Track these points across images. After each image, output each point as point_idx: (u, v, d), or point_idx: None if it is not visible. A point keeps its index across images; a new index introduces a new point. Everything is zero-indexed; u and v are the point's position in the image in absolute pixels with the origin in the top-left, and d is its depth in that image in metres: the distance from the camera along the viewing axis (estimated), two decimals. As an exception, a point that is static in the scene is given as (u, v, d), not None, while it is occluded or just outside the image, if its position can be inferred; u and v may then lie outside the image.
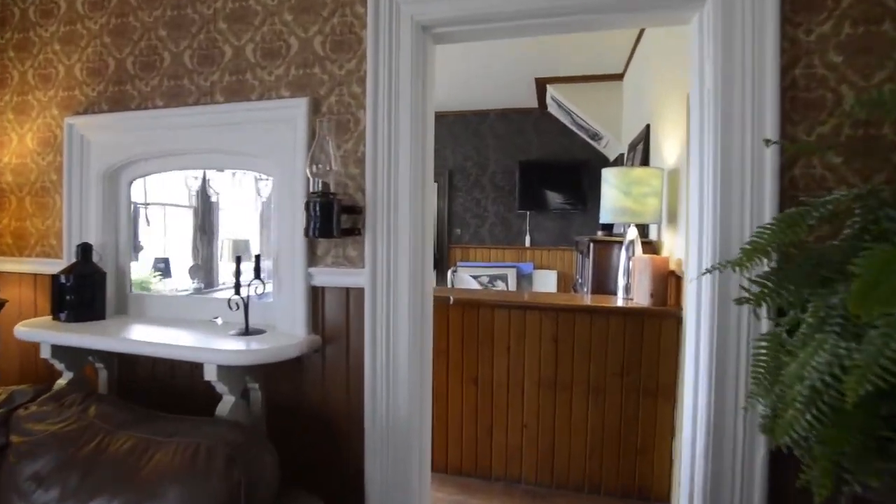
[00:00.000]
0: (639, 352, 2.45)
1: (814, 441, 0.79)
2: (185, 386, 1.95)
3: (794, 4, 1.38)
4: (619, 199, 2.55)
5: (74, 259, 1.97)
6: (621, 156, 4.58)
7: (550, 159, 6.19)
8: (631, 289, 2.61)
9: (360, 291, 1.73)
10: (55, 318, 1.91)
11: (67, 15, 2.10)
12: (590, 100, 4.95)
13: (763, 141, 1.26)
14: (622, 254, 2.70)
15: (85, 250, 1.96)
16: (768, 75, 1.36)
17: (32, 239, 2.18)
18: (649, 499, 2.47)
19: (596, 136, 5.35)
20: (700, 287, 1.44)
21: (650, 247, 2.93)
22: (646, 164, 3.23)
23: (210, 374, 1.56)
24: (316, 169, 1.59)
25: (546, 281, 6.14)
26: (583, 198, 6.04)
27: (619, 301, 2.63)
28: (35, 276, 2.17)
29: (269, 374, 1.81)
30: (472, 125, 6.47)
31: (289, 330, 1.78)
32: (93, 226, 2.05)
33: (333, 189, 1.66)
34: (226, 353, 1.55)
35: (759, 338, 1.04)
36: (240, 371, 1.66)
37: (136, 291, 2.14)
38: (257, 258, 1.76)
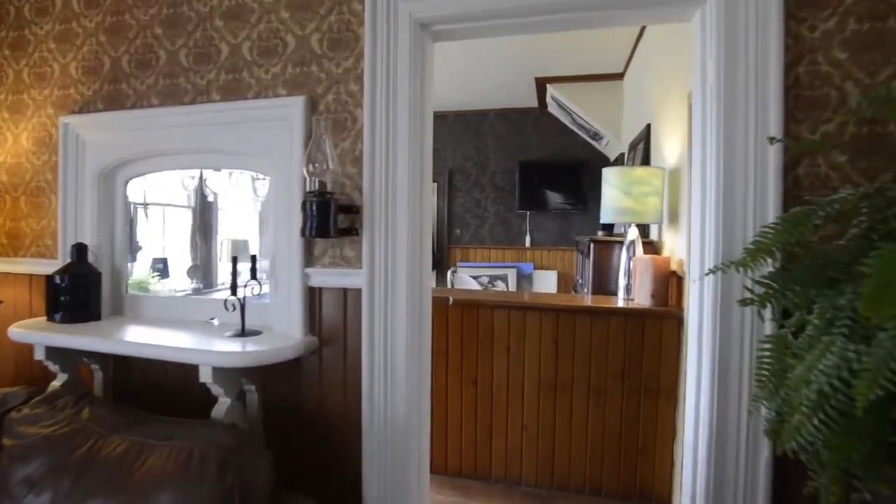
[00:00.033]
0: (640, 353, 2.43)
1: (821, 446, 0.76)
2: (181, 387, 1.93)
3: (798, 0, 1.36)
4: (619, 199, 2.53)
5: (69, 259, 1.95)
6: (622, 155, 4.55)
7: (550, 159, 6.17)
8: (632, 289, 2.59)
9: (358, 292, 1.71)
10: (49, 319, 1.89)
11: (63, 13, 2.08)
12: (590, 99, 4.93)
13: (767, 139, 1.23)
14: (623, 254, 2.67)
15: (80, 250, 1.94)
16: (772, 73, 1.34)
17: (27, 239, 2.16)
18: (650, 501, 2.45)
19: (596, 135, 5.33)
20: (702, 288, 1.42)
21: (651, 247, 2.91)
22: (646, 164, 3.20)
23: (205, 376, 1.54)
24: (313, 168, 1.57)
25: (546, 281, 6.12)
26: (583, 198, 6.02)
27: (620, 302, 2.60)
28: (30, 276, 2.15)
29: (266, 375, 1.79)
30: (472, 125, 6.45)
31: (285, 331, 1.75)
32: (88, 226, 2.03)
33: (330, 188, 1.64)
34: (221, 354, 1.53)
35: (763, 340, 1.02)
36: (236, 373, 1.63)
37: (132, 292, 2.12)
38: (253, 258, 1.74)
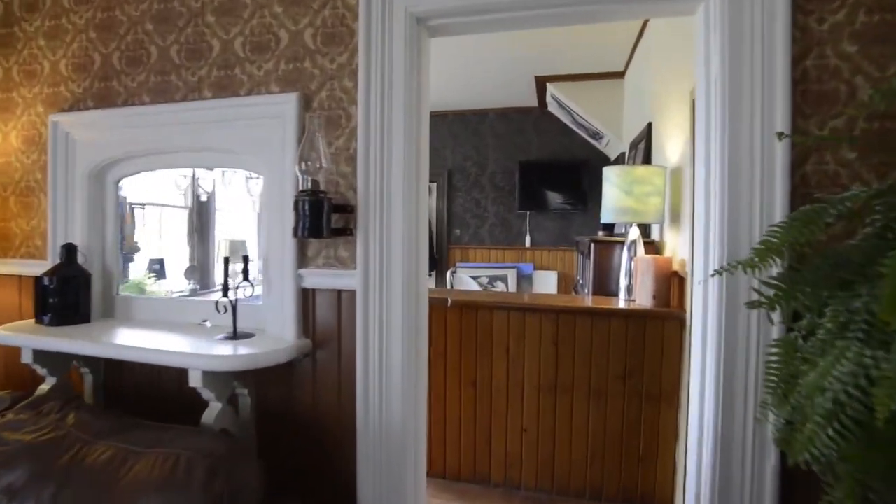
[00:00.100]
0: (641, 355, 2.39)
1: (836, 458, 0.72)
2: (172, 391, 1.89)
3: (805, -8, 1.31)
4: (620, 199, 2.49)
5: (59, 260, 1.91)
6: (622, 155, 4.51)
7: (550, 159, 6.12)
8: (633, 290, 2.55)
9: (352, 294, 1.66)
10: (38, 321, 1.85)
11: (52, 9, 2.04)
12: (590, 98, 4.89)
13: (776, 134, 1.19)
14: (624, 254, 2.63)
15: (69, 251, 1.90)
16: (778, 67, 1.30)
17: (17, 240, 2.12)
18: (652, 506, 2.40)
19: (596, 134, 5.28)
20: (707, 289, 1.37)
21: (652, 247, 2.87)
22: (648, 163, 3.16)
23: (195, 381, 1.49)
24: (305, 166, 1.53)
25: (546, 282, 6.07)
26: (583, 197, 5.98)
27: (621, 302, 2.56)
28: (19, 277, 2.11)
29: (259, 379, 1.75)
30: (472, 124, 6.41)
31: (278, 333, 1.71)
32: (78, 226, 1.99)
33: (324, 187, 1.59)
34: (210, 358, 1.49)
35: (771, 344, 0.97)
36: (227, 377, 1.59)
37: (123, 293, 2.08)
38: (245, 259, 1.70)
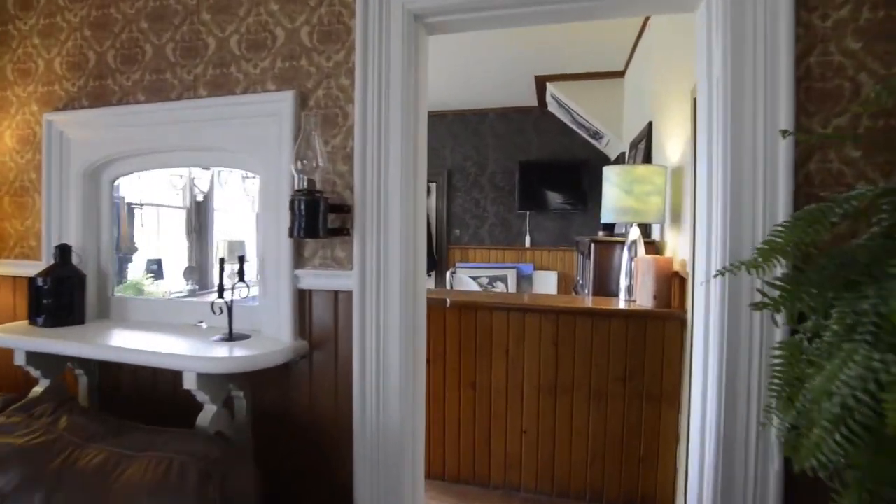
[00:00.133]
0: (642, 355, 2.37)
1: (844, 465, 0.70)
2: (168, 393, 1.87)
3: (809, -12, 1.29)
4: (620, 198, 2.47)
5: (54, 261, 1.89)
6: (622, 154, 4.49)
7: (550, 159, 6.10)
8: (633, 290, 2.52)
9: (349, 294, 1.64)
10: (31, 322, 1.83)
11: (47, 7, 2.02)
12: (590, 97, 4.87)
13: (780, 132, 1.17)
14: (624, 254, 2.61)
15: (63, 252, 1.88)
16: (782, 64, 1.28)
17: (11, 240, 2.09)
18: (653, 508, 2.38)
19: (596, 134, 5.26)
20: (709, 290, 1.35)
21: (653, 247, 2.85)
22: (648, 163, 3.14)
23: (189, 383, 1.47)
24: (301, 165, 1.51)
25: (546, 282, 6.05)
26: (583, 197, 5.96)
27: (622, 303, 2.54)
28: (14, 278, 2.08)
29: (254, 381, 1.73)
30: (472, 124, 6.39)
31: (274, 335, 1.69)
32: (73, 226, 1.97)
33: (320, 187, 1.57)
34: (205, 360, 1.46)
35: (775, 346, 0.95)
36: (222, 379, 1.57)
37: (118, 294, 2.06)
38: (241, 259, 1.68)
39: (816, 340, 0.87)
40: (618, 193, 2.48)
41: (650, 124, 3.27)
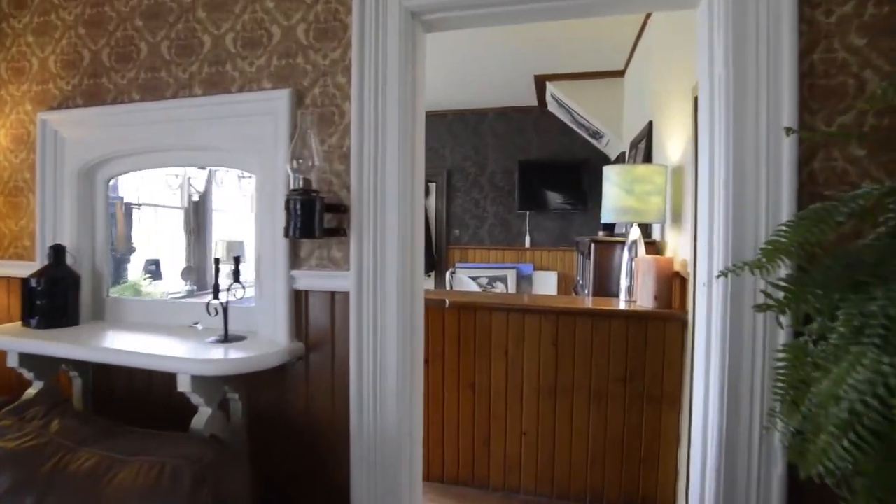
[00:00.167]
0: (642, 356, 2.35)
1: (851, 471, 0.68)
2: (163, 395, 1.84)
3: (812, -17, 1.27)
4: (621, 198, 2.45)
5: (48, 262, 1.87)
6: (622, 154, 4.47)
7: (550, 158, 6.08)
8: (634, 291, 2.51)
9: (346, 295, 1.62)
10: (25, 324, 1.81)
11: (41, 5, 2.00)
12: (590, 97, 4.84)
13: (784, 129, 1.15)
14: (624, 254, 2.59)
15: (57, 252, 1.86)
16: (784, 60, 1.25)
17: (6, 241, 2.07)
18: (654, 511, 2.36)
19: (597, 134, 5.24)
20: (711, 291, 1.33)
21: (653, 247, 2.83)
22: (648, 162, 3.12)
23: (184, 386, 1.45)
24: (297, 164, 1.49)
25: (546, 282, 6.03)
26: (583, 197, 5.94)
27: (622, 304, 2.52)
28: (8, 279, 2.06)
29: (250, 383, 1.71)
30: (471, 124, 6.37)
31: (270, 336, 1.67)
32: (67, 226, 1.95)
33: (316, 186, 1.55)
34: (200, 362, 1.44)
35: (779, 349, 0.93)
36: (217, 381, 1.55)
37: (113, 295, 2.04)
38: (236, 260, 1.66)
39: (822, 343, 0.85)
40: (618, 193, 2.46)
41: (650, 123, 3.25)
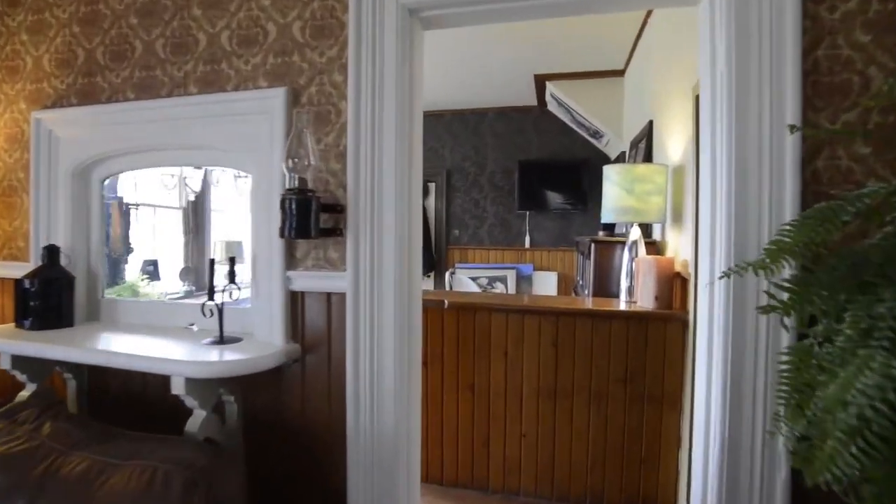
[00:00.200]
0: (643, 357, 2.33)
1: (860, 479, 0.66)
2: (158, 397, 1.82)
3: (815, -22, 1.25)
4: (621, 198, 2.43)
5: (42, 262, 1.85)
6: (623, 154, 4.45)
7: (550, 158, 6.06)
8: (634, 291, 2.48)
9: (343, 296, 1.60)
10: (18, 325, 1.79)
11: (35, 3, 1.98)
12: (590, 96, 4.82)
13: (788, 127, 1.13)
14: (625, 254, 2.57)
15: (51, 253, 1.84)
16: (788, 57, 1.23)
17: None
18: (655, 513, 2.34)
19: (597, 133, 5.22)
20: (713, 292, 1.31)
21: (654, 247, 2.81)
22: (648, 162, 3.10)
23: (178, 388, 1.43)
24: (292, 164, 1.46)
25: (546, 282, 6.01)
26: (583, 197, 5.92)
27: (622, 304, 2.50)
28: (1, 280, 2.04)
29: (245, 385, 1.69)
30: (471, 124, 6.35)
31: (266, 338, 1.65)
32: (62, 227, 1.93)
33: (312, 186, 1.53)
34: (194, 365, 1.42)
35: (783, 351, 0.91)
36: (211, 384, 1.52)
37: (108, 296, 2.02)
38: (232, 261, 1.63)
39: (827, 345, 0.83)
40: (618, 193, 2.44)
41: (651, 123, 3.23)
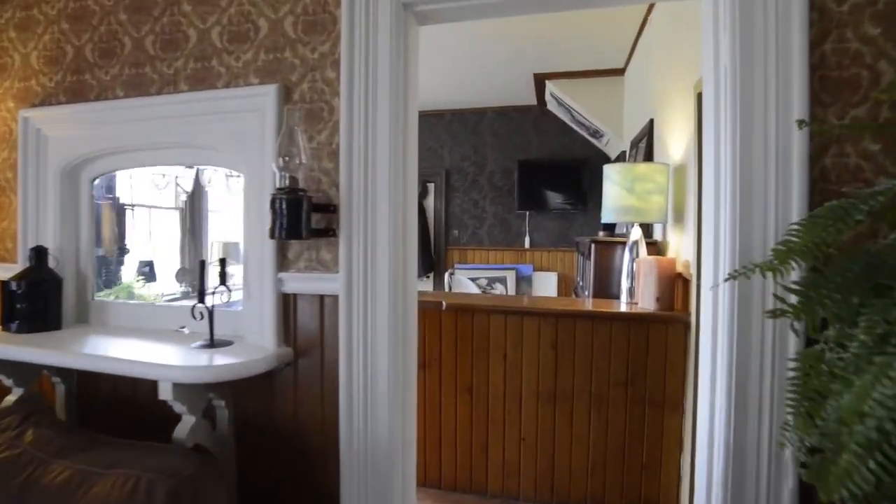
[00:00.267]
0: (644, 360, 2.29)
1: (878, 496, 0.62)
2: (148, 401, 1.77)
3: (823, -30, 1.21)
4: (621, 197, 2.39)
5: (29, 264, 1.80)
6: (623, 153, 4.41)
7: (550, 158, 6.02)
8: (635, 292, 2.44)
9: (335, 299, 1.56)
10: (5, 328, 1.75)
11: (23, -1, 1.94)
12: (590, 96, 4.78)
13: (796, 122, 1.08)
14: (625, 255, 2.53)
15: (39, 254, 1.80)
16: (794, 51, 1.19)
17: (-12, 242, 2.01)
18: (656, 518, 2.30)
19: (597, 133, 5.18)
20: (717, 294, 1.26)
21: (655, 247, 2.77)
22: (649, 161, 3.06)
23: (165, 394, 1.39)
24: (283, 162, 1.42)
25: (546, 283, 5.97)
26: (583, 197, 5.88)
27: (623, 305, 2.46)
28: (-10, 282, 2.00)
29: (237, 389, 1.64)
30: (470, 123, 6.31)
31: (258, 341, 1.61)
32: (51, 227, 1.89)
33: (304, 185, 1.49)
34: (182, 369, 1.38)
35: (792, 358, 0.87)
36: (200, 389, 1.48)
37: (99, 298, 1.98)
38: (222, 262, 1.59)
39: (839, 350, 0.79)
40: (619, 192, 2.40)
41: (651, 122, 3.19)
